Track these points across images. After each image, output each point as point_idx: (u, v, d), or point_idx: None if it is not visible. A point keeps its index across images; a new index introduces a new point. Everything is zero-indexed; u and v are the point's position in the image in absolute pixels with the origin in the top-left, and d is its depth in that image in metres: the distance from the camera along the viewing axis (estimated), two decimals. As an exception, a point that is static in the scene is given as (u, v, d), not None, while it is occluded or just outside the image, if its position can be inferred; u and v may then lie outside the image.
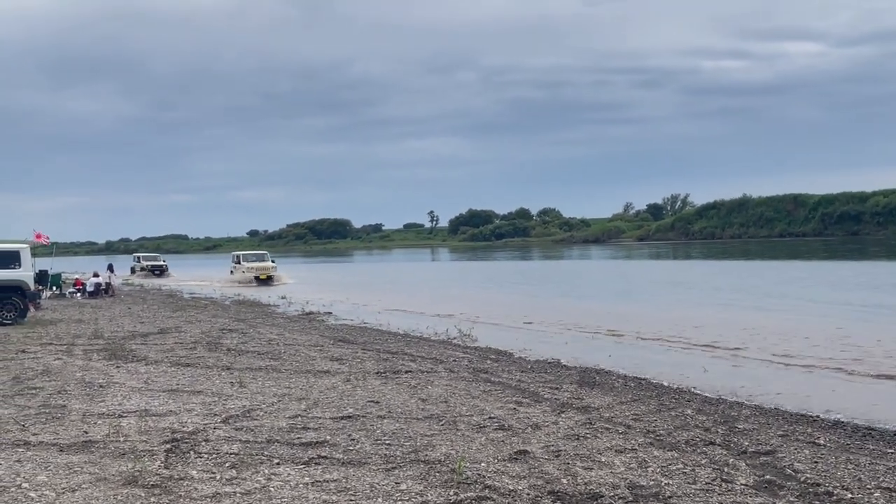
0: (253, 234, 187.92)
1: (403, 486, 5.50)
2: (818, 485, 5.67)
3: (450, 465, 5.98)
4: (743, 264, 49.68)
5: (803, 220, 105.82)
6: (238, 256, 45.62)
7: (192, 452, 6.38)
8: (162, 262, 60.32)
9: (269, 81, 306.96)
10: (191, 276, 51.38)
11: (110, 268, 34.18)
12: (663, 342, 15.68)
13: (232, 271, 44.91)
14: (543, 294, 31.27)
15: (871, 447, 7.24)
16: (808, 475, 5.93)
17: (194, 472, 5.83)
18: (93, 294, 29.49)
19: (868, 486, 5.67)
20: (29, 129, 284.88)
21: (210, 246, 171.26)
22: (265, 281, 41.85)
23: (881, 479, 5.92)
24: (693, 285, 32.42)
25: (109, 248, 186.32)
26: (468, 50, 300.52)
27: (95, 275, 31.39)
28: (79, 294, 29.83)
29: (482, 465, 6.06)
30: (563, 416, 8.02)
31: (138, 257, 63.81)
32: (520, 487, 5.48)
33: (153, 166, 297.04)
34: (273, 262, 44.46)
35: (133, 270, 59.35)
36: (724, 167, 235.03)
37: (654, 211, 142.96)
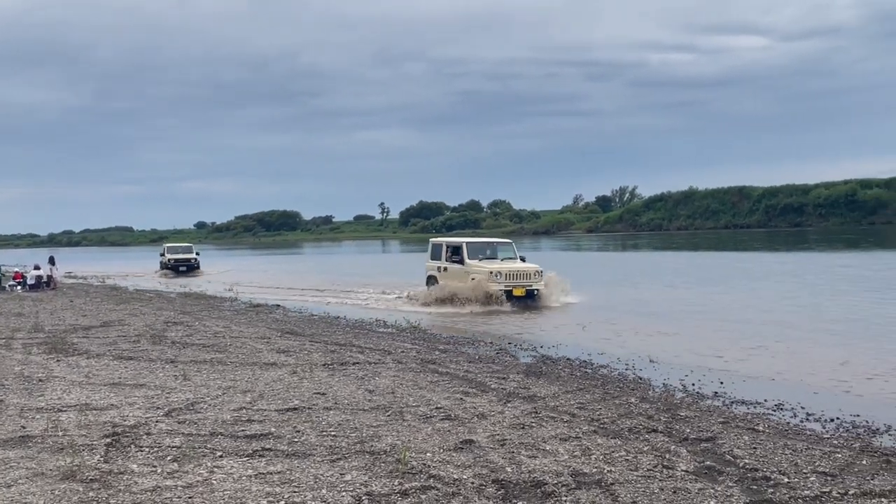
0: (200, 226, 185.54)
1: (348, 477, 5.48)
2: (756, 470, 5.79)
3: (395, 456, 5.98)
4: (706, 254, 50.30)
5: (748, 212, 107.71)
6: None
7: (133, 446, 6.28)
8: (192, 256, 45.44)
9: (216, 71, 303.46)
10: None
11: (51, 260, 33.45)
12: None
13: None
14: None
15: (808, 433, 7.42)
16: (746, 461, 6.05)
17: (135, 465, 5.74)
18: (34, 287, 28.83)
19: (804, 471, 5.81)
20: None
21: (156, 238, 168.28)
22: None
23: (817, 463, 6.06)
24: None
25: (52, 241, 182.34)
26: (418, 41, 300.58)
27: (37, 267, 30.69)
28: (19, 287, 29.11)
29: (427, 454, 6.07)
30: (509, 405, 8.07)
31: (165, 249, 47.87)
32: (464, 476, 5.50)
33: (98, 157, 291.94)
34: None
35: (161, 265, 45.77)
36: (671, 160, 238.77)
37: (603, 203, 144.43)
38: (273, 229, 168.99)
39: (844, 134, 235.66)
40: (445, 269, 23.06)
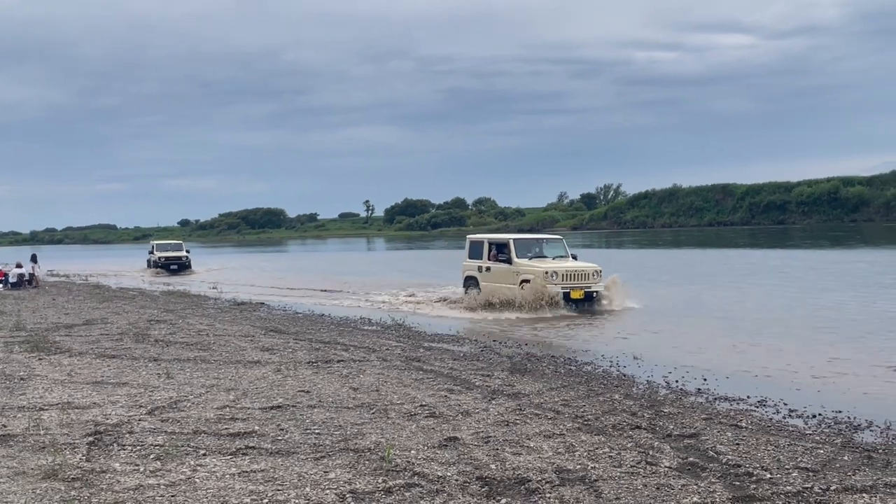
0: (184, 223, 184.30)
1: (332, 475, 5.48)
2: (739, 466, 5.83)
3: (379, 453, 5.97)
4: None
5: (731, 210, 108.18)
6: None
7: (115, 445, 6.25)
8: (183, 254, 43.32)
9: (201, 68, 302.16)
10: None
11: (34, 258, 33.16)
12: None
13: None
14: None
15: (791, 429, 7.47)
16: (729, 457, 6.09)
17: (117, 464, 5.71)
18: (15, 285, 28.59)
19: (786, 467, 5.85)
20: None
21: (139, 236, 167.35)
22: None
23: (799, 459, 6.10)
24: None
25: (34, 239, 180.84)
26: (404, 39, 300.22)
27: (18, 265, 30.43)
28: (0, 285, 28.89)
29: (412, 452, 6.07)
30: (493, 402, 8.08)
31: (153, 246, 45.19)
32: (448, 473, 5.51)
33: (81, 154, 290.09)
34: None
35: (150, 264, 43.87)
36: (656, 157, 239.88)
37: (588, 200, 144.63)
38: (257, 227, 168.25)
39: (827, 132, 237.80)
40: (488, 269, 20.69)
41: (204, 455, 5.97)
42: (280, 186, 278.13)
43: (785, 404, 8.71)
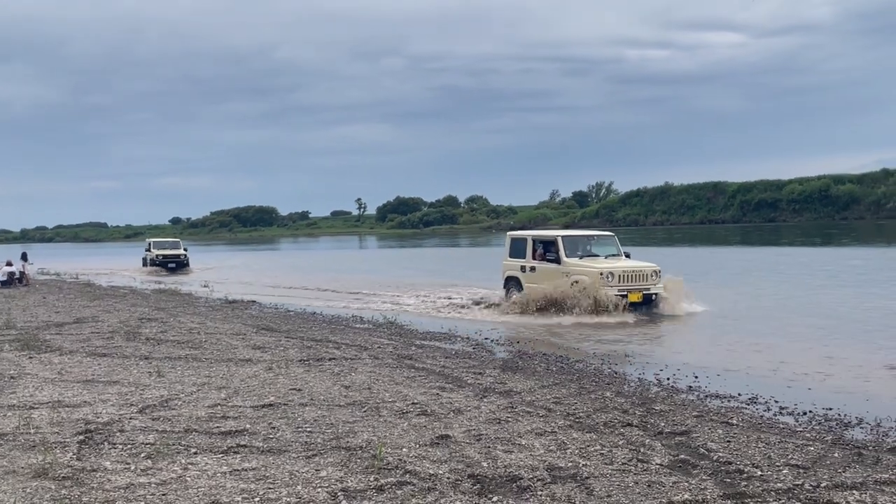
0: (175, 221, 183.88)
1: (323, 473, 5.47)
2: (730, 463, 5.84)
3: (371, 452, 5.97)
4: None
5: (723, 208, 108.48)
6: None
7: (106, 443, 6.22)
8: (181, 252, 42.28)
9: (193, 66, 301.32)
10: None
11: (24, 256, 33.04)
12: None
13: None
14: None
15: (782, 426, 7.49)
16: (720, 454, 6.10)
17: (108, 463, 5.69)
18: (5, 284, 28.44)
19: (777, 464, 5.86)
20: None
21: (131, 234, 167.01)
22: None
23: (790, 456, 6.12)
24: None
25: (25, 237, 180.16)
26: (396, 37, 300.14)
27: (8, 263, 30.27)
28: (-9, 284, 28.75)
29: (403, 450, 6.06)
30: (485, 400, 8.08)
31: (150, 244, 43.88)
32: (440, 471, 5.50)
33: (72, 152, 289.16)
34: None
35: (146, 262, 42.84)
36: (648, 155, 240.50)
37: (580, 198, 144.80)
38: (249, 225, 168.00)
39: (818, 130, 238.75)
40: (532, 268, 18.98)
41: (195, 453, 5.95)
42: (272, 184, 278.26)
43: (776, 402, 8.73)
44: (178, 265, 41.08)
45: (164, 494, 5.03)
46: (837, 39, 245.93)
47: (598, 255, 18.78)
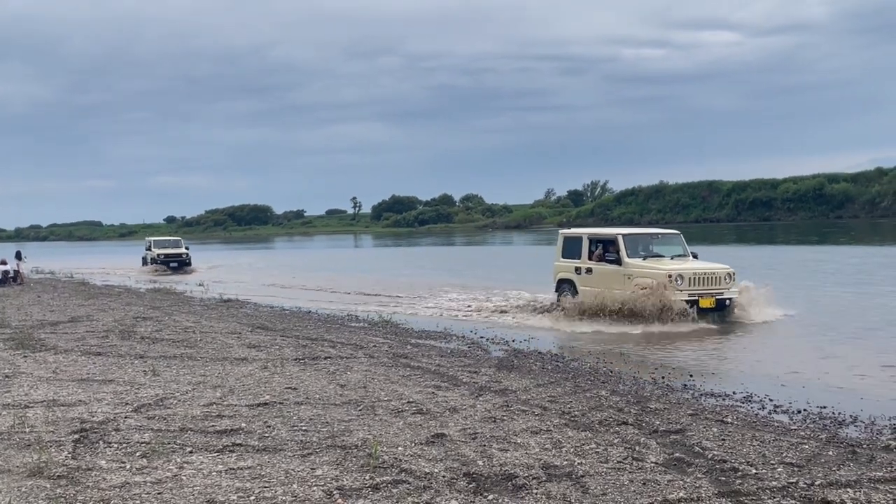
0: (170, 220, 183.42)
1: (319, 472, 5.47)
2: (725, 461, 5.86)
3: (366, 450, 5.97)
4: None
5: (717, 206, 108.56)
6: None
7: (101, 442, 6.23)
8: (183, 251, 40.71)
9: (188, 65, 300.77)
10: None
11: (18, 255, 32.94)
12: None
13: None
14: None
15: (776, 424, 7.51)
16: (715, 452, 6.12)
17: (103, 462, 5.69)
18: (0, 283, 28.41)
19: (772, 462, 5.88)
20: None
21: (125, 233, 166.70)
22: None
23: (784, 454, 6.13)
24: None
25: (19, 236, 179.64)
26: (392, 36, 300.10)
27: (3, 262, 30.21)
28: (-15, 282, 28.68)
29: (399, 449, 6.07)
30: (480, 399, 8.09)
31: (150, 243, 42.15)
32: (436, 470, 5.51)
33: (67, 151, 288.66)
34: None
35: (146, 261, 41.43)
36: (643, 154, 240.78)
37: (575, 197, 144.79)
38: (244, 223, 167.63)
39: (813, 129, 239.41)
40: (589, 270, 17.15)
41: (190, 452, 5.95)
42: (267, 183, 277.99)
43: (770, 400, 8.75)
44: (179, 264, 39.77)
45: (159, 493, 5.03)
46: (833, 39, 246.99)
47: (662, 256, 16.95)
